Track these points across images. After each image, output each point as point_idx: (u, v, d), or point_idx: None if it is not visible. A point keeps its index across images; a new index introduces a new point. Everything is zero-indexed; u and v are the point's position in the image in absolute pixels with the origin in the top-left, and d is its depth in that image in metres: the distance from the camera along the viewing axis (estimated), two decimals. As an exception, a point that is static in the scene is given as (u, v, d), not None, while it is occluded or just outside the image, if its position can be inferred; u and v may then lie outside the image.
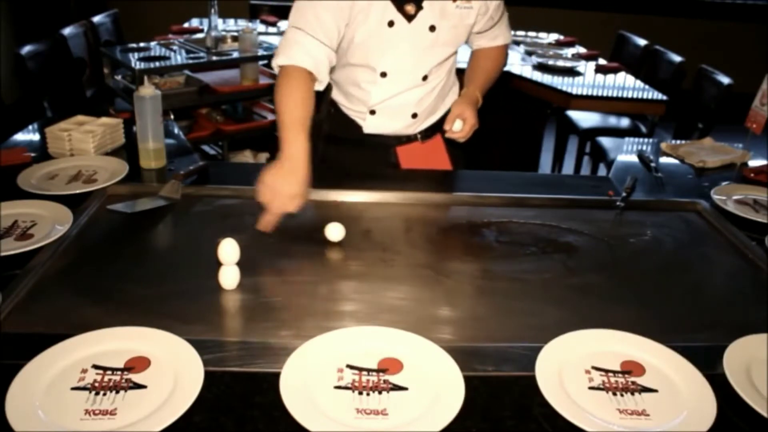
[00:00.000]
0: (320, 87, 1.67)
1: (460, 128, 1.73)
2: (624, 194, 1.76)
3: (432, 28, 1.72)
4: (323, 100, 1.93)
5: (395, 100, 1.84)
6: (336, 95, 1.92)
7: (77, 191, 1.62)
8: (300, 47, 1.61)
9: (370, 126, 1.90)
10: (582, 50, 4.16)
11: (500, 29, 1.91)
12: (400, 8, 1.69)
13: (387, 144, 1.94)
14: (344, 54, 1.78)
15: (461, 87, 1.92)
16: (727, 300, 1.39)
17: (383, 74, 1.78)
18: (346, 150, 1.94)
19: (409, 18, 1.70)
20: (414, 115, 1.87)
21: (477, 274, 1.42)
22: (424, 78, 1.81)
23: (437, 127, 1.93)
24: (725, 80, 3.21)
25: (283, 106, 1.53)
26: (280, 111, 1.53)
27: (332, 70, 1.75)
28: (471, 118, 1.73)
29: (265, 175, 1.42)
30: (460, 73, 1.94)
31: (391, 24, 1.69)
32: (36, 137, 2.00)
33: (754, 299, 1.37)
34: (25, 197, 1.57)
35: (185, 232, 1.56)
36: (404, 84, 1.81)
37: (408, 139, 1.93)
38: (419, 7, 1.69)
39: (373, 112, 1.87)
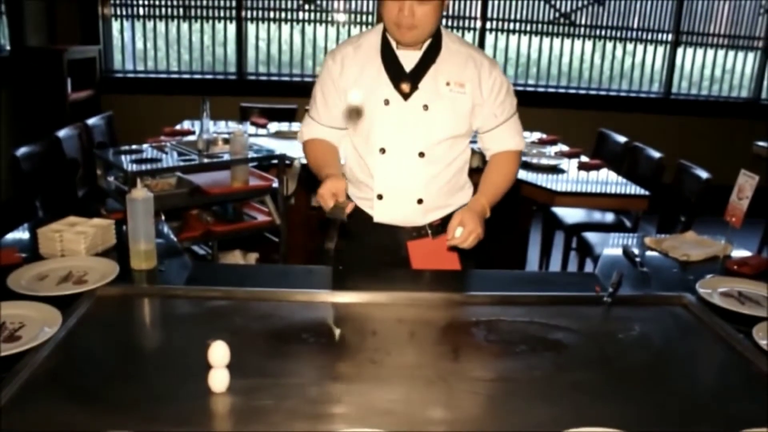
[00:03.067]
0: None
1: (459, 235, 1.76)
2: (611, 290, 1.77)
3: (425, 107, 1.86)
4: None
5: (398, 181, 1.91)
6: (349, 189, 1.99)
7: (67, 292, 1.62)
8: (314, 131, 2.01)
9: (380, 214, 1.96)
10: (564, 148, 4.27)
11: (508, 132, 1.97)
12: (397, 86, 1.86)
13: (398, 239, 1.99)
14: (351, 132, 1.95)
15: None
16: (718, 394, 1.39)
17: (382, 150, 1.89)
18: (357, 245, 1.99)
19: (405, 96, 1.86)
20: (420, 201, 1.93)
21: (467, 373, 1.41)
22: (421, 155, 1.89)
23: (447, 224, 1.98)
24: (704, 174, 3.29)
25: (312, 161, 1.99)
26: (312, 165, 1.98)
27: (348, 164, 2.04)
28: (470, 223, 1.76)
29: (319, 190, 1.74)
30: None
31: (386, 102, 1.86)
32: (27, 237, 2.01)
33: (746, 393, 1.37)
34: (15, 298, 1.57)
35: (175, 334, 1.55)
36: (402, 160, 1.90)
37: (418, 234, 1.98)
38: (415, 87, 1.85)
39: (380, 197, 1.94)
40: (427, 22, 1.77)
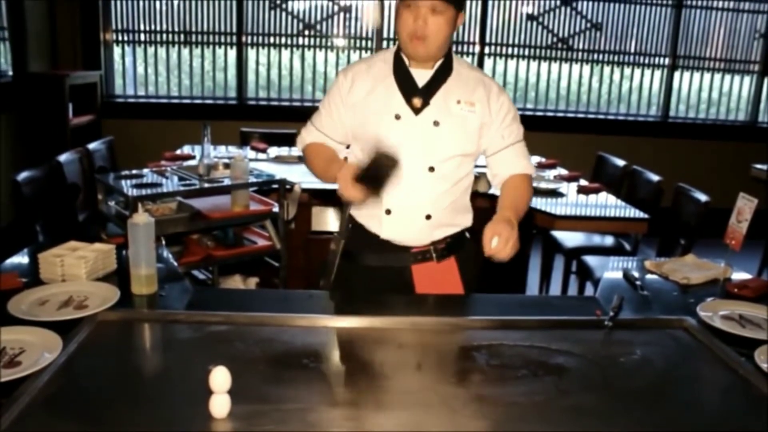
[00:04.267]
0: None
1: (496, 245, 1.74)
2: (611, 313, 1.77)
3: (436, 123, 1.89)
4: (343, 218, 2.01)
5: (407, 196, 1.92)
6: (354, 206, 1.99)
7: (68, 317, 1.62)
8: (314, 136, 2.05)
9: (387, 229, 1.96)
10: (563, 172, 4.29)
11: (515, 155, 1.99)
12: (409, 101, 1.89)
13: (403, 262, 1.98)
14: (360, 147, 1.94)
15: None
16: (720, 417, 1.39)
17: None
18: (361, 268, 2.00)
19: (416, 111, 1.89)
20: (428, 217, 1.94)
21: (469, 398, 1.40)
22: (431, 170, 1.90)
23: (452, 247, 2.00)
24: (702, 197, 3.30)
25: (316, 162, 2.02)
26: (315, 167, 2.02)
27: None
28: (505, 232, 1.74)
29: (340, 183, 1.76)
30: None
31: (398, 117, 1.88)
32: (28, 262, 2.01)
33: (747, 416, 1.37)
34: (16, 323, 1.57)
35: (175, 359, 1.54)
36: (412, 175, 1.89)
37: (423, 257, 1.98)
38: (426, 103, 1.89)
39: (389, 212, 1.94)
40: (438, 36, 1.83)
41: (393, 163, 1.71)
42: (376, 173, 1.72)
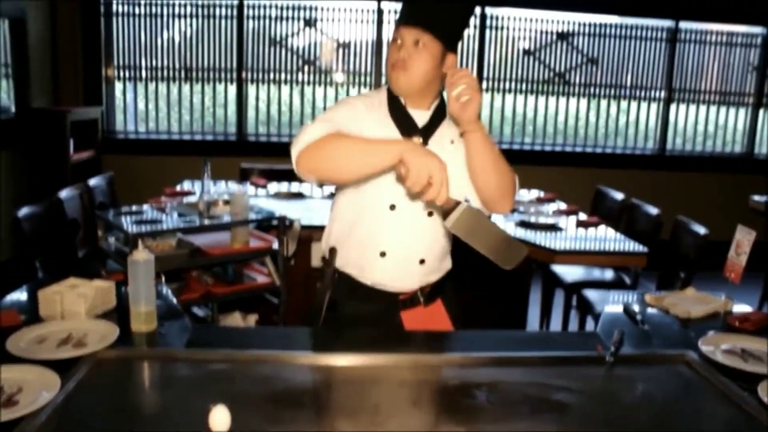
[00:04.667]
0: None
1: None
2: (612, 349, 1.76)
3: None
4: (328, 270, 1.98)
5: (405, 239, 1.89)
6: (342, 255, 1.97)
7: (66, 356, 1.61)
8: (329, 128, 1.70)
9: (379, 274, 1.92)
10: (562, 206, 4.30)
11: None
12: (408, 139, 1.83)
13: (391, 309, 1.96)
14: (359, 192, 1.88)
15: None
16: (724, 457, 1.38)
17: (392, 207, 1.86)
18: (347, 318, 1.97)
19: None
20: (422, 261, 1.92)
21: (470, 435, 1.40)
22: (430, 214, 1.88)
23: (437, 289, 2.00)
24: (701, 230, 3.31)
25: (347, 140, 1.67)
26: (349, 144, 1.66)
27: (343, 223, 1.93)
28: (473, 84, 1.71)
29: (410, 160, 1.53)
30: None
31: None
32: (27, 298, 2.00)
33: (752, 455, 1.36)
34: (14, 361, 1.56)
35: (175, 398, 1.53)
36: (411, 218, 1.87)
37: (411, 302, 1.97)
38: (425, 142, 1.86)
39: (383, 254, 1.90)
40: (420, 68, 1.80)
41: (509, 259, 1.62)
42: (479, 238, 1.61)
